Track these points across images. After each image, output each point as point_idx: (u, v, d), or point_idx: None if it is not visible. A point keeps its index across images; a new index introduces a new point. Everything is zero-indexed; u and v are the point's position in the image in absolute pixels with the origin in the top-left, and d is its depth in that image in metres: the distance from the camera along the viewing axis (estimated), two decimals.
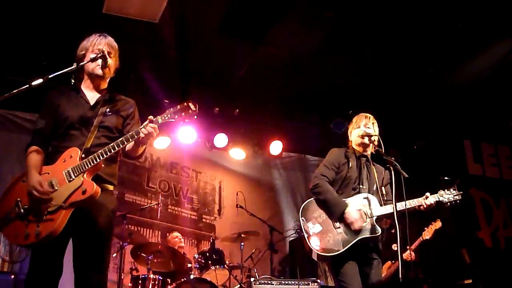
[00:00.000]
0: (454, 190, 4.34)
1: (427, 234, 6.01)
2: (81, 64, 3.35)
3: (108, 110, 3.48)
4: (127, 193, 7.89)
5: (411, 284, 6.41)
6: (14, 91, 2.97)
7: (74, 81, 3.26)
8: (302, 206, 4.36)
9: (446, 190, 4.33)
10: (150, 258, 6.08)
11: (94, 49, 3.45)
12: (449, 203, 4.31)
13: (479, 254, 7.18)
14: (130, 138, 3.21)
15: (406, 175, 3.93)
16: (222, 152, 8.55)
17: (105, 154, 3.18)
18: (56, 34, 6.07)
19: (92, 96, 3.52)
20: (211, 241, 6.88)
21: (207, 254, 6.44)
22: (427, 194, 4.25)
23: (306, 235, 4.16)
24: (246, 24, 6.04)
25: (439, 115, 7.84)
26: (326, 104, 7.76)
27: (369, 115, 4.59)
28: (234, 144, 8.39)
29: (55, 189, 3.20)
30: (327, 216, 4.21)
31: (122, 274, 6.02)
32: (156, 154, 8.37)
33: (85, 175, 3.20)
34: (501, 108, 7.49)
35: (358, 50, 6.54)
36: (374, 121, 4.56)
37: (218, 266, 6.33)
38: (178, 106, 3.32)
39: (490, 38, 6.21)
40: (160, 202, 7.55)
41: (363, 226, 4.09)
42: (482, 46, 6.35)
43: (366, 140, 4.39)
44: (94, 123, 3.38)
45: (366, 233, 4.08)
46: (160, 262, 6.29)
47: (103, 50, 3.43)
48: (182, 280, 5.80)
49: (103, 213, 3.34)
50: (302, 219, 4.24)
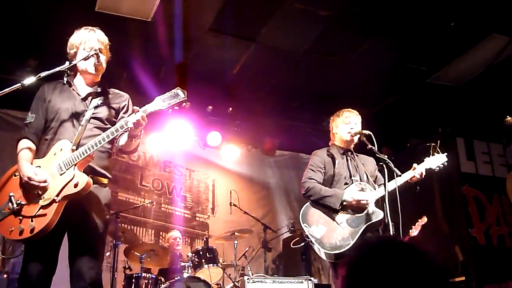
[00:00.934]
0: (437, 153, 4.33)
1: (414, 230, 6.03)
2: (73, 62, 3.33)
3: (100, 102, 3.47)
4: (120, 191, 7.87)
5: None
6: (6, 90, 2.95)
7: (66, 77, 3.22)
8: (300, 213, 4.33)
9: (429, 156, 4.32)
10: (143, 256, 6.08)
11: (86, 46, 3.43)
12: (437, 167, 4.30)
13: (472, 251, 7.20)
14: (120, 129, 3.17)
15: (399, 173, 3.95)
16: (215, 150, 8.55)
17: (95, 146, 3.15)
18: (48, 32, 6.03)
19: (84, 89, 3.51)
20: (205, 239, 6.89)
21: (201, 253, 6.43)
22: (414, 165, 4.24)
23: (313, 239, 4.10)
24: (240, 22, 6.04)
25: (432, 113, 7.86)
26: (319, 102, 7.76)
27: (352, 111, 4.59)
28: (227, 142, 8.40)
29: (48, 182, 3.17)
30: (327, 215, 4.20)
31: (116, 273, 6.00)
32: (149, 153, 8.35)
33: (76, 168, 3.16)
34: (493, 105, 7.51)
35: (351, 48, 6.55)
36: (359, 116, 4.58)
37: (211, 265, 6.34)
38: (167, 93, 3.32)
39: (482, 36, 6.23)
40: (153, 200, 7.55)
41: (367, 210, 4.10)
42: (474, 44, 6.38)
43: (357, 138, 4.41)
44: (85, 115, 3.37)
45: (369, 219, 4.07)
46: (153, 260, 6.28)
47: (96, 48, 3.40)
48: (176, 278, 5.78)
49: (97, 207, 3.32)
50: (305, 225, 4.19)
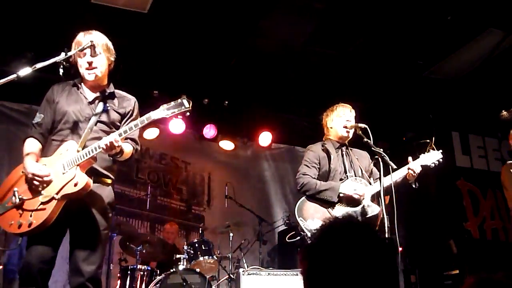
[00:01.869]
0: (433, 150, 4.34)
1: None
2: (69, 54, 3.29)
3: (106, 106, 3.53)
4: (116, 184, 7.81)
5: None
6: (2, 81, 2.95)
7: (62, 68, 3.23)
8: (296, 208, 4.34)
9: (425, 152, 4.32)
10: (139, 249, 6.09)
11: (80, 52, 3.46)
12: (432, 164, 4.30)
13: (466, 245, 7.24)
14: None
15: (395, 166, 3.96)
16: (211, 143, 8.55)
17: (95, 150, 3.23)
18: (44, 24, 6.02)
19: (91, 92, 3.59)
20: (200, 232, 6.89)
21: (196, 245, 6.44)
22: (409, 158, 4.25)
23: (309, 233, 4.11)
24: (236, 14, 6.02)
25: (428, 107, 7.88)
26: (315, 95, 7.76)
27: (345, 105, 4.59)
28: (223, 135, 8.39)
29: (50, 178, 3.27)
30: (324, 208, 4.20)
31: (111, 264, 6.02)
32: (145, 145, 8.33)
33: (78, 168, 3.26)
34: (489, 100, 7.54)
35: (348, 41, 6.55)
36: (353, 111, 4.58)
37: (207, 257, 6.34)
38: (173, 102, 3.37)
39: (478, 31, 6.24)
40: (149, 193, 7.55)
41: (363, 204, 4.11)
42: (470, 38, 6.39)
43: (351, 133, 4.41)
44: (92, 119, 3.45)
45: (365, 213, 4.08)
46: (149, 252, 6.30)
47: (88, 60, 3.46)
48: (171, 270, 5.80)
49: (99, 206, 3.41)
50: (300, 219, 4.19)
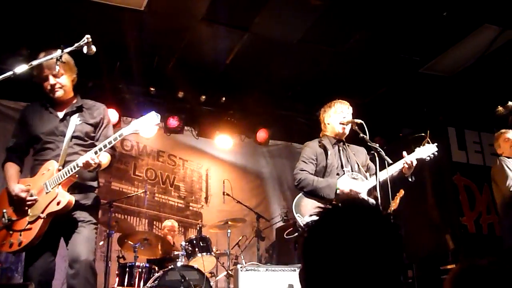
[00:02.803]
0: (428, 143, 4.35)
1: (394, 205, 5.97)
2: (65, 51, 3.31)
3: (78, 120, 3.69)
4: (114, 181, 7.88)
5: None
6: None
7: (58, 62, 3.33)
8: (294, 203, 4.36)
9: (420, 146, 4.34)
10: (137, 246, 6.10)
11: (42, 77, 3.60)
12: (428, 157, 4.30)
13: (463, 239, 7.27)
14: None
15: (391, 161, 3.97)
16: (208, 140, 8.56)
17: (73, 169, 3.41)
18: (41, 21, 6.01)
19: (60, 109, 3.74)
20: (198, 228, 6.91)
21: (194, 242, 6.46)
22: (404, 153, 4.26)
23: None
24: (233, 11, 6.02)
25: (424, 103, 7.90)
26: (312, 92, 7.77)
27: (342, 101, 4.59)
28: (220, 132, 8.40)
29: (35, 199, 3.47)
30: (321, 204, 4.21)
31: (109, 262, 6.03)
32: (142, 142, 8.35)
33: (60, 187, 3.45)
34: (485, 95, 7.56)
35: (344, 38, 6.56)
36: (350, 107, 4.59)
37: (205, 254, 6.36)
38: (142, 117, 3.49)
39: (474, 27, 6.25)
40: (146, 190, 7.55)
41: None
42: (466, 34, 6.40)
43: (348, 129, 4.42)
44: (66, 135, 3.60)
45: None
46: (147, 249, 6.31)
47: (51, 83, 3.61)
48: (169, 267, 5.81)
49: (87, 208, 3.62)
50: (298, 216, 4.21)
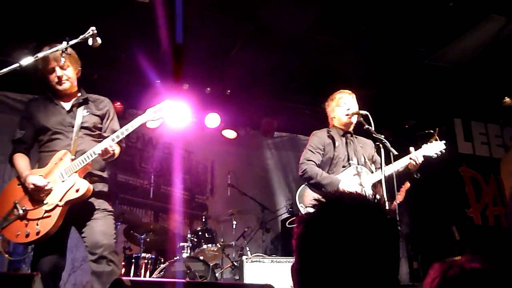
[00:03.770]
0: (436, 141, 4.34)
1: (400, 197, 5.95)
2: (71, 43, 3.33)
3: (85, 112, 3.76)
4: (120, 173, 7.90)
5: None
6: (4, 70, 2.96)
7: (63, 54, 3.39)
8: (297, 193, 4.40)
9: (428, 143, 4.33)
10: (143, 237, 6.14)
11: (48, 69, 3.67)
12: (435, 155, 4.30)
13: (469, 231, 7.27)
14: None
15: (396, 152, 3.97)
16: (214, 132, 8.55)
17: (90, 157, 3.50)
18: (46, 13, 6.01)
19: (66, 102, 3.80)
20: (203, 220, 6.93)
21: (200, 233, 6.49)
22: (411, 148, 4.26)
23: None
24: (238, 3, 6.01)
25: (430, 94, 7.87)
26: (318, 83, 7.75)
27: (347, 91, 4.59)
28: (226, 124, 8.40)
29: (50, 187, 3.48)
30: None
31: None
32: (148, 134, 8.36)
33: (77, 175, 3.50)
34: (491, 87, 7.52)
35: (350, 29, 6.53)
36: (354, 95, 4.58)
37: (210, 245, 6.38)
38: (158, 105, 3.66)
39: (481, 17, 6.21)
40: (152, 182, 7.57)
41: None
42: (473, 25, 6.35)
43: (355, 118, 4.41)
44: (75, 125, 3.67)
45: None
46: (152, 241, 6.34)
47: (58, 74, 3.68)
48: (175, 258, 5.85)
49: (99, 197, 3.67)
50: (301, 205, 4.27)
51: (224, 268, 6.74)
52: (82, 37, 3.33)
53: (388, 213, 1.36)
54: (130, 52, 6.68)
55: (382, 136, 4.01)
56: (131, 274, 5.90)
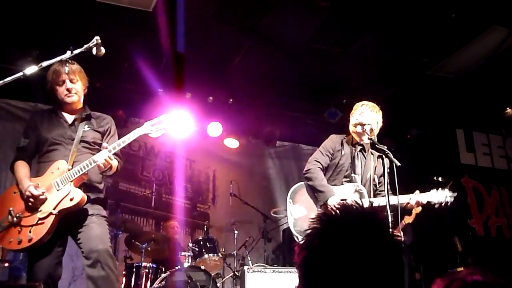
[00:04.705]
0: (448, 191, 4.27)
1: (409, 219, 5.89)
2: (74, 52, 3.35)
3: (86, 127, 3.85)
4: (121, 181, 7.90)
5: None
6: (8, 79, 2.97)
7: (67, 66, 3.53)
8: (292, 188, 4.49)
9: (439, 190, 4.27)
10: (144, 246, 6.12)
11: (58, 81, 3.75)
12: (438, 204, 4.23)
13: (471, 242, 7.24)
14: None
15: (399, 164, 3.95)
16: (216, 141, 8.55)
17: (87, 167, 3.54)
18: (50, 22, 6.04)
19: (69, 116, 3.88)
20: (205, 229, 6.92)
21: (201, 243, 6.47)
22: (417, 192, 4.24)
23: (290, 217, 4.34)
24: (241, 12, 6.03)
25: (432, 105, 7.87)
26: (320, 93, 7.76)
27: (367, 103, 4.57)
28: (228, 133, 8.41)
29: (45, 196, 3.52)
30: (313, 201, 4.29)
31: (116, 262, 6.03)
32: (150, 143, 8.37)
33: (72, 184, 3.55)
34: (493, 97, 7.53)
35: (352, 39, 6.55)
36: (373, 108, 4.52)
37: (212, 254, 6.37)
38: (156, 119, 3.70)
39: (483, 28, 6.22)
40: (154, 190, 7.57)
41: None
42: (475, 36, 6.37)
43: (359, 128, 4.41)
44: (75, 138, 3.75)
45: None
46: (154, 250, 6.33)
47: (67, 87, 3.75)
48: (176, 268, 5.83)
49: (94, 205, 3.71)
50: (289, 201, 4.37)
51: (225, 278, 6.71)
52: (86, 46, 3.34)
53: (388, 226, 1.37)
54: (133, 60, 6.70)
55: (385, 147, 4.01)
56: (132, 284, 5.89)
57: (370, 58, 6.93)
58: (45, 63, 3.12)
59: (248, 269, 5.59)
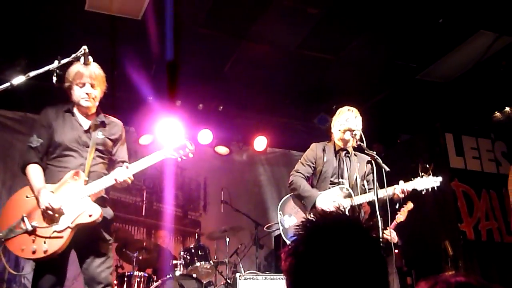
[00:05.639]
0: (430, 176, 4.33)
1: (401, 217, 5.88)
2: (62, 62, 3.31)
3: (101, 134, 3.79)
4: (112, 190, 7.82)
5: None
6: None
7: (56, 76, 3.31)
8: (281, 201, 4.60)
9: (422, 177, 4.33)
10: (135, 255, 6.09)
11: (78, 83, 3.67)
12: (424, 190, 4.30)
13: (462, 246, 7.26)
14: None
15: (388, 169, 3.96)
16: (206, 148, 8.54)
17: (105, 184, 3.57)
18: (39, 31, 6.02)
19: (84, 120, 3.80)
20: (196, 237, 6.89)
21: (193, 250, 6.44)
22: (401, 182, 4.27)
23: (281, 228, 4.38)
24: (230, 19, 6.05)
25: (422, 109, 7.93)
26: (310, 99, 7.79)
27: (352, 108, 4.61)
28: (218, 140, 8.40)
29: (62, 210, 3.45)
30: (302, 210, 4.34)
31: None
32: (140, 151, 8.32)
33: (90, 199, 3.51)
34: (482, 101, 7.59)
35: (341, 45, 6.59)
36: (358, 114, 4.57)
37: (203, 262, 6.33)
38: (178, 143, 3.77)
39: (470, 33, 6.29)
40: (144, 199, 7.54)
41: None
42: (462, 40, 6.43)
43: (348, 135, 4.43)
44: (90, 146, 3.68)
45: None
46: (145, 259, 6.29)
47: (87, 91, 3.70)
48: (168, 276, 5.80)
49: (103, 223, 3.65)
50: (280, 213, 4.44)
51: (217, 286, 6.69)
52: (74, 56, 3.33)
53: (371, 230, 1.41)
54: (122, 68, 6.69)
55: (374, 152, 4.02)
56: None
57: (359, 63, 6.97)
58: (32, 73, 3.09)
59: (240, 276, 5.59)
